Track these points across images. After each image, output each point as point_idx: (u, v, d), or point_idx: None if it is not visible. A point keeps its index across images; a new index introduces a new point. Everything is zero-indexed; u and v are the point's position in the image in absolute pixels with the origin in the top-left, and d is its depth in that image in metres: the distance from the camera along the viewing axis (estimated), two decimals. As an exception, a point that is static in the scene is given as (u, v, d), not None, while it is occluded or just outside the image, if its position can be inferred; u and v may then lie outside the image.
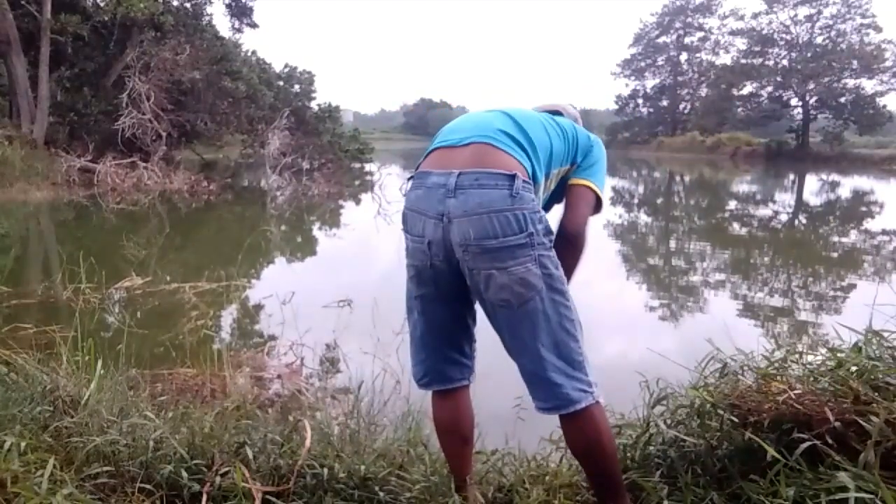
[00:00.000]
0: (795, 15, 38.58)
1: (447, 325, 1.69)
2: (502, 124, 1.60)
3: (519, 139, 1.57)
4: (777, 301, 6.48)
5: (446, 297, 1.64)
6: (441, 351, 1.70)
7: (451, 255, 1.54)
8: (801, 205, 17.59)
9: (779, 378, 1.72)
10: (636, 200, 18.58)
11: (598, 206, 1.71)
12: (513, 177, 1.48)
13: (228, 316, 5.38)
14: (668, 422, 1.86)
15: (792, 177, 27.65)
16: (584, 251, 1.68)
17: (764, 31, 39.94)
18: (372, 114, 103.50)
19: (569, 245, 1.61)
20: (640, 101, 52.76)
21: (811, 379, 1.67)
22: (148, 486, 1.75)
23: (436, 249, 1.55)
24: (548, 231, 1.53)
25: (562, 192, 1.73)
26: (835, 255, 9.48)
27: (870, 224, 13.15)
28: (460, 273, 1.56)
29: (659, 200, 19.11)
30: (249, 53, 22.31)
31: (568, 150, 1.68)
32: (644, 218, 14.71)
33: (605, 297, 6.21)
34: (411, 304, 1.70)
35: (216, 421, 2.07)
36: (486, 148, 1.54)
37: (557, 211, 1.74)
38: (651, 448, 1.86)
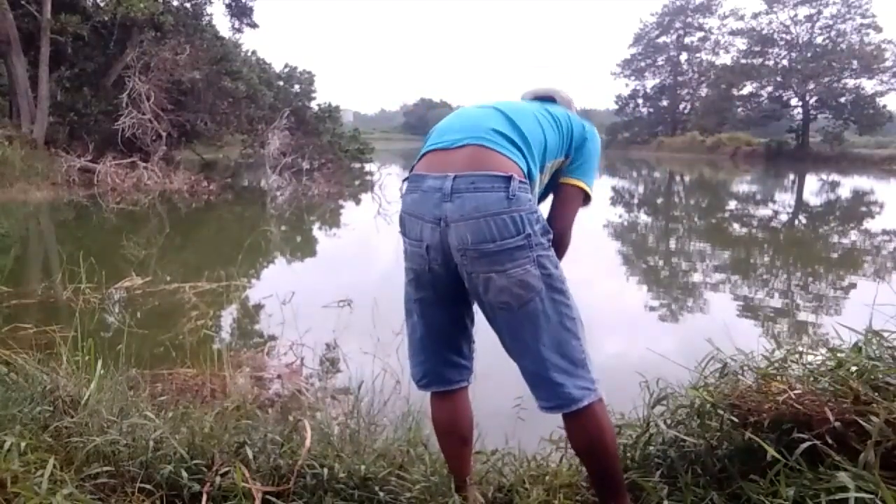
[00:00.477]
0: (795, 15, 38.62)
1: (446, 327, 1.68)
2: (495, 123, 1.58)
3: (513, 137, 1.55)
4: (777, 301, 6.48)
5: (445, 300, 1.64)
6: (440, 353, 1.69)
7: (449, 258, 1.53)
8: (801, 205, 17.60)
9: (779, 378, 1.72)
10: (636, 200, 18.58)
11: (586, 200, 1.71)
12: (509, 178, 1.46)
13: (228, 316, 5.38)
14: (668, 422, 1.86)
15: (792, 177, 27.66)
16: (568, 247, 1.69)
17: (764, 31, 39.95)
18: (372, 114, 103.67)
19: (555, 243, 1.60)
20: (640, 101, 52.75)
21: (811, 379, 1.67)
22: (148, 486, 1.75)
23: (434, 254, 1.54)
24: (545, 231, 1.52)
25: (554, 184, 1.71)
26: (835, 255, 9.48)
27: (870, 224, 13.15)
28: (458, 276, 1.55)
29: (659, 200, 19.11)
30: (249, 53, 22.32)
31: (562, 142, 1.66)
32: (644, 218, 14.71)
33: (605, 297, 6.21)
34: (410, 307, 1.69)
35: (216, 421, 2.07)
36: (480, 150, 1.52)
37: (545, 203, 1.74)
38: (651, 448, 1.86)
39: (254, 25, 21.27)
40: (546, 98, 1.84)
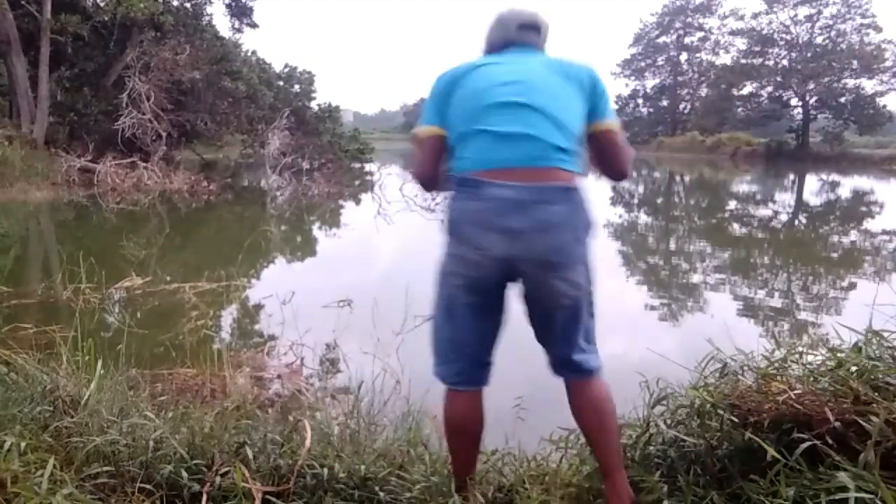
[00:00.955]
0: (795, 15, 38.61)
1: (489, 332, 1.72)
2: (552, 136, 1.57)
3: (569, 147, 1.59)
4: (777, 301, 6.48)
5: (492, 306, 1.68)
6: (479, 357, 1.73)
7: (510, 267, 1.57)
8: (801, 205, 17.59)
9: (779, 378, 1.72)
10: (636, 200, 18.57)
11: None
12: (573, 189, 1.55)
13: (228, 316, 5.38)
14: (668, 422, 1.86)
15: (792, 177, 27.65)
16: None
17: (764, 31, 39.94)
18: (372, 114, 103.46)
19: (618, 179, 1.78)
20: (640, 101, 52.79)
21: (811, 379, 1.68)
22: (148, 486, 1.75)
23: (496, 262, 1.57)
24: (592, 232, 1.63)
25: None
26: (835, 255, 9.48)
27: (870, 224, 13.15)
28: (510, 283, 1.63)
29: (659, 200, 19.11)
30: (249, 53, 22.35)
31: (587, 101, 1.68)
32: (644, 218, 14.71)
33: (605, 297, 6.18)
34: (454, 310, 1.68)
35: (216, 421, 2.07)
36: (546, 168, 1.56)
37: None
38: (651, 448, 1.86)
39: (254, 25, 21.28)
40: (530, 25, 1.80)
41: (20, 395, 2.12)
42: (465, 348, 1.71)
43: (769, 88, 39.53)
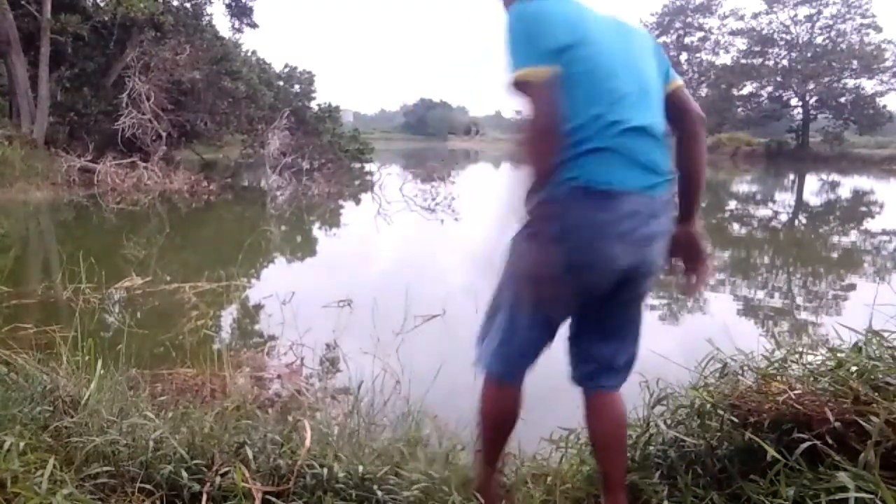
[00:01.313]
0: (795, 15, 38.60)
1: (557, 330, 1.69)
2: (667, 164, 1.59)
3: (671, 172, 1.61)
4: (777, 301, 6.48)
5: (570, 312, 1.67)
6: (540, 355, 1.70)
7: (623, 275, 1.55)
8: (801, 205, 17.60)
9: (779, 378, 1.72)
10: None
11: None
12: (672, 202, 1.63)
13: (228, 316, 5.38)
14: (668, 422, 1.86)
15: (792, 177, 27.66)
16: None
17: (764, 31, 39.94)
18: (372, 114, 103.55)
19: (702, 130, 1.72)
20: (640, 101, 52.70)
21: (811, 379, 1.68)
22: (148, 486, 1.75)
23: (615, 272, 1.54)
24: None
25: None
26: (835, 255, 9.48)
27: (870, 224, 13.15)
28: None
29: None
30: (249, 53, 22.39)
31: (661, 70, 1.68)
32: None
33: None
34: (544, 310, 1.61)
35: (216, 421, 2.07)
36: (661, 192, 1.59)
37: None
38: (651, 448, 1.86)
39: (254, 25, 21.29)
40: None
41: (20, 395, 2.12)
42: (540, 346, 1.67)
43: (769, 88, 39.53)
